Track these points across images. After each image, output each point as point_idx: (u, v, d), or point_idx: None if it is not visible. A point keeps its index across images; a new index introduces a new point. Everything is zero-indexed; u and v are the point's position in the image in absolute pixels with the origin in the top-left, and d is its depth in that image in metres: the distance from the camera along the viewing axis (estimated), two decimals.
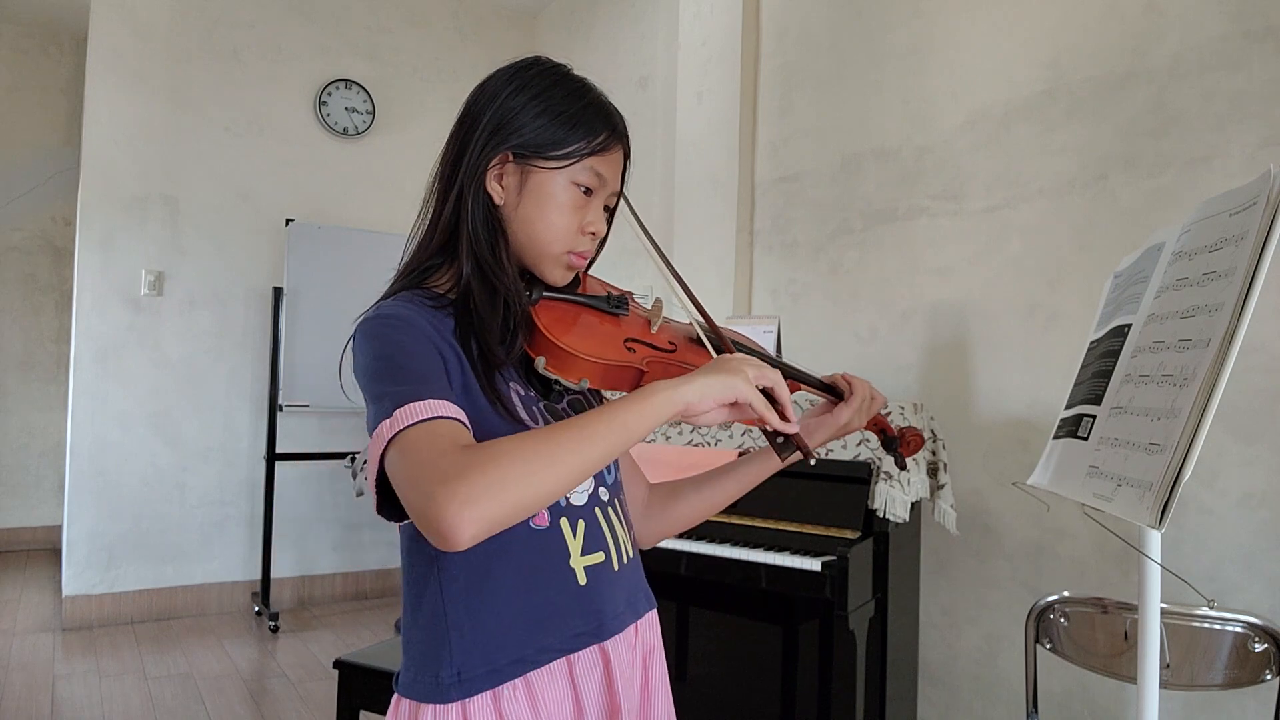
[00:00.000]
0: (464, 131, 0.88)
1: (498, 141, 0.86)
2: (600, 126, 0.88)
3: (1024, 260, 2.34)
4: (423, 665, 0.82)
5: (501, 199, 0.87)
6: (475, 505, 0.63)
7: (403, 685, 0.84)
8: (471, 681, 0.80)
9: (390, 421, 0.71)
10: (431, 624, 0.82)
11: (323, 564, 4.32)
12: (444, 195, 0.88)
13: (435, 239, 0.88)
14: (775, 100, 3.14)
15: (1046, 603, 1.63)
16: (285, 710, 2.88)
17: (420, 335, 0.80)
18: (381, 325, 0.80)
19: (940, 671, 2.51)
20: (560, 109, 0.86)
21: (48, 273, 5.33)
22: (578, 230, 0.88)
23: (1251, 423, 1.87)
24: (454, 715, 0.79)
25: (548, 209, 0.86)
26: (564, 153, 0.86)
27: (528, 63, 0.90)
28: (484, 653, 0.80)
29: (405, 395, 0.72)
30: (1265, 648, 1.41)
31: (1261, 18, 1.89)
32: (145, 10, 3.90)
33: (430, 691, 0.80)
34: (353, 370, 0.81)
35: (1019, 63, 2.37)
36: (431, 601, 0.82)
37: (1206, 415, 0.90)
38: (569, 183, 0.87)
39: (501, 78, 0.89)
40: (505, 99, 0.87)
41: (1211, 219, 1.12)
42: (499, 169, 0.87)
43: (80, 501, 3.75)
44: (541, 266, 0.89)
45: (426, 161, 0.93)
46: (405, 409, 0.71)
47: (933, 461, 2.25)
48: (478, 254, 0.86)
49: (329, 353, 4.54)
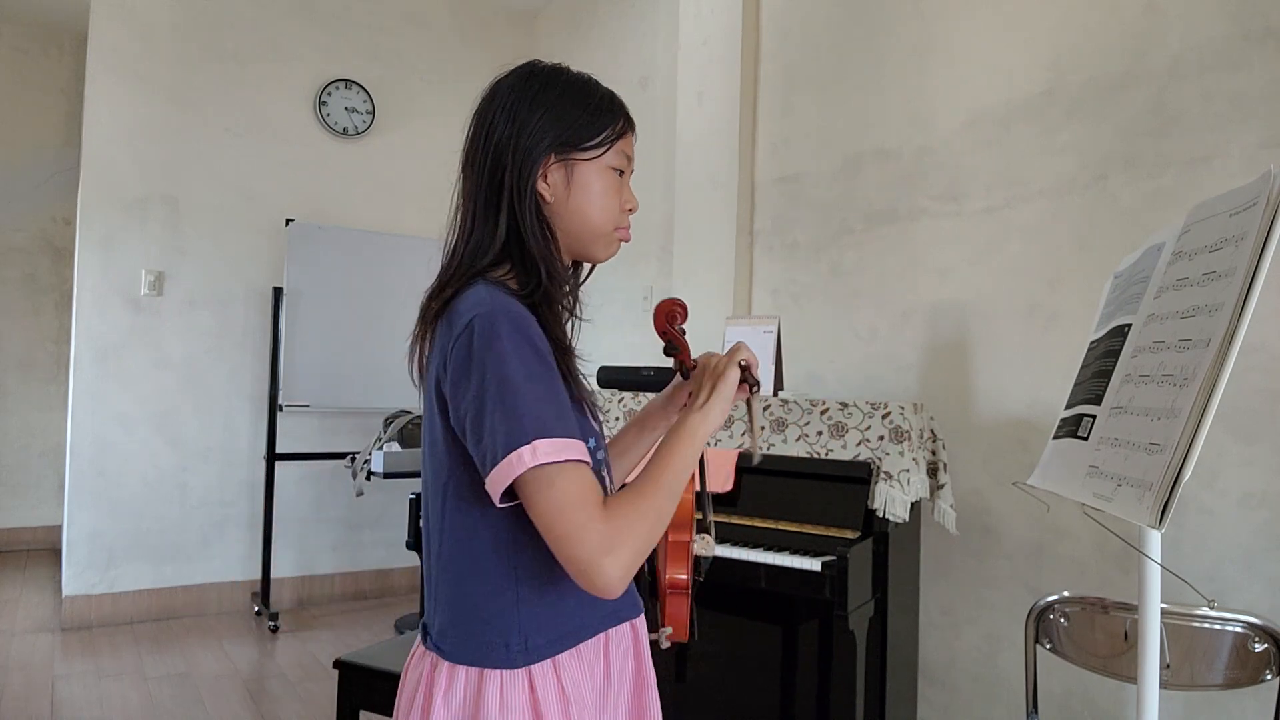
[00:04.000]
0: (491, 144, 0.95)
1: (539, 145, 0.93)
2: (618, 112, 0.98)
3: (1024, 260, 2.35)
4: (487, 635, 0.90)
5: (551, 196, 0.95)
6: (627, 571, 0.82)
7: (461, 654, 0.90)
8: (536, 650, 0.90)
9: (531, 450, 0.80)
10: (500, 600, 0.90)
11: (322, 564, 4.32)
12: (491, 207, 0.94)
13: (494, 246, 0.94)
14: (776, 100, 3.14)
15: (1046, 603, 1.63)
16: (285, 710, 2.88)
17: (541, 338, 0.88)
18: (512, 326, 0.85)
19: (940, 671, 2.51)
20: (584, 103, 0.95)
21: (48, 273, 5.33)
22: (619, 209, 0.99)
23: (1251, 423, 1.87)
24: (521, 679, 0.89)
25: (595, 195, 0.96)
26: (598, 141, 0.95)
27: (530, 69, 0.97)
28: (546, 625, 0.91)
29: (544, 425, 0.82)
30: (1265, 648, 1.41)
31: (1261, 18, 1.89)
32: (145, 10, 3.90)
33: (500, 658, 0.89)
34: (460, 360, 0.85)
35: (1019, 63, 2.37)
36: (503, 582, 0.90)
37: (1206, 415, 0.90)
38: (606, 168, 0.96)
39: (513, 87, 0.95)
40: (530, 104, 0.93)
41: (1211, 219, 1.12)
42: (545, 170, 0.94)
43: (80, 501, 3.75)
44: (594, 249, 0.99)
45: (426, 161, 0.95)
46: (547, 443, 0.81)
47: (933, 461, 2.25)
48: (540, 254, 0.94)
49: (329, 353, 4.56)
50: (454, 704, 0.89)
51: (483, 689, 0.89)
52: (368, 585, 4.44)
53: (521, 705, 0.88)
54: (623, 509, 0.83)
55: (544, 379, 0.85)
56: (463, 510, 0.91)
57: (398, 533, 4.48)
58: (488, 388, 0.83)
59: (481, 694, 0.88)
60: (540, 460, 0.80)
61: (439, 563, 0.94)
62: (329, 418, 4.29)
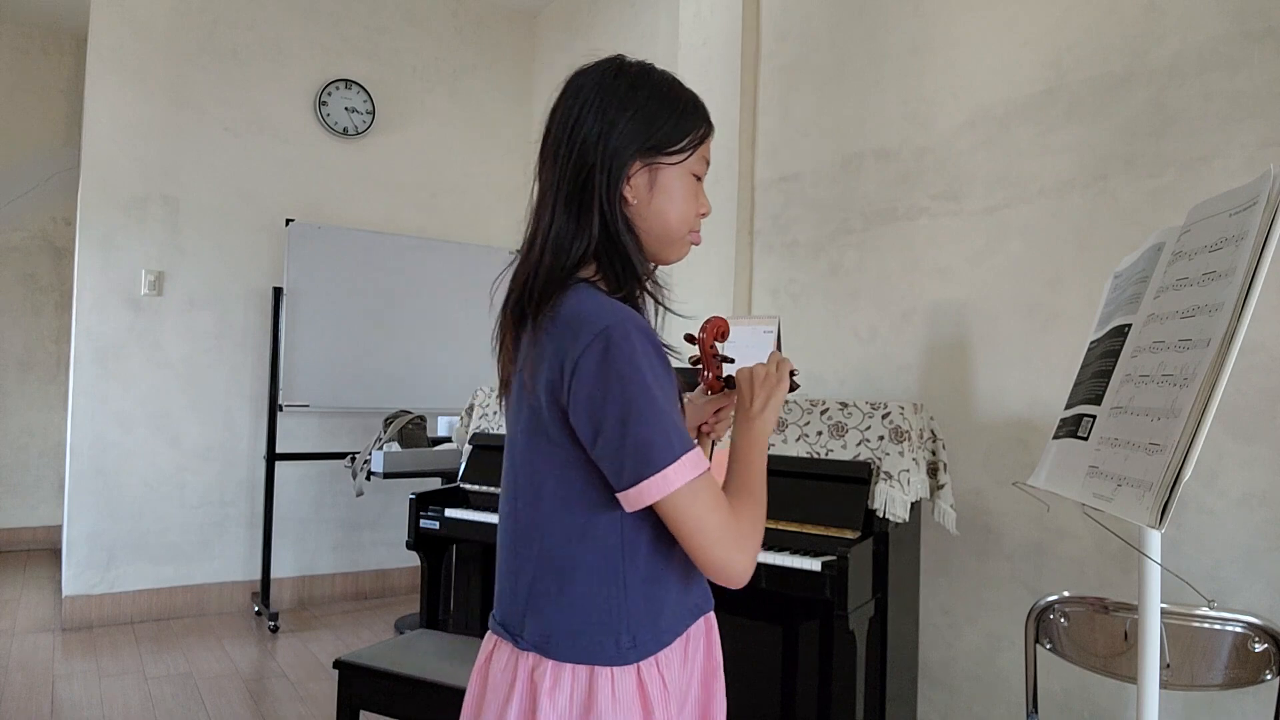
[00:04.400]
0: (577, 140, 0.94)
1: (627, 148, 0.94)
2: (702, 118, 1.00)
3: (1024, 260, 2.34)
4: (597, 634, 0.93)
5: (634, 199, 0.96)
6: (754, 562, 0.92)
7: (570, 653, 0.93)
8: (643, 646, 0.94)
9: (678, 469, 0.86)
10: (610, 600, 0.94)
11: (323, 564, 4.32)
12: (576, 204, 0.94)
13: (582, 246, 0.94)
14: (775, 100, 3.14)
15: (1046, 603, 1.63)
16: (285, 710, 2.88)
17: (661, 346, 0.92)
18: (644, 338, 0.89)
19: (940, 671, 2.51)
20: (672, 107, 0.97)
21: (48, 273, 5.33)
22: (695, 214, 1.01)
23: (1251, 423, 1.87)
24: (630, 675, 0.93)
25: (676, 199, 0.98)
26: (682, 147, 0.97)
27: (618, 65, 0.98)
28: (650, 622, 0.95)
29: (685, 440, 0.88)
30: (1265, 648, 1.41)
31: (1261, 18, 1.89)
32: (145, 10, 3.90)
33: (611, 656, 0.92)
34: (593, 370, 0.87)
35: (1019, 63, 2.37)
36: (612, 583, 0.94)
37: (1206, 415, 0.90)
38: (687, 173, 0.99)
39: (600, 84, 0.96)
40: (619, 105, 0.94)
41: (1211, 219, 1.12)
42: (630, 173, 0.95)
43: (80, 501, 3.75)
44: (667, 251, 1.01)
45: (427, 161, 0.95)
46: (688, 459, 0.87)
47: (933, 461, 2.25)
48: (632, 256, 0.96)
49: (329, 353, 4.54)
50: (561, 702, 0.91)
51: (594, 686, 0.91)
52: (368, 585, 4.44)
53: (631, 701, 0.92)
54: (743, 510, 0.94)
55: (671, 391, 0.90)
56: (574, 513, 0.93)
57: (398, 533, 4.48)
58: (629, 402, 0.86)
59: (593, 691, 0.91)
60: (689, 476, 0.87)
61: (540, 563, 0.95)
62: (329, 418, 4.29)
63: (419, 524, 2.64)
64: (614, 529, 0.93)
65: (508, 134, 4.89)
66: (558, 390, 0.89)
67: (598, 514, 0.92)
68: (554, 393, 0.90)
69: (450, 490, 2.76)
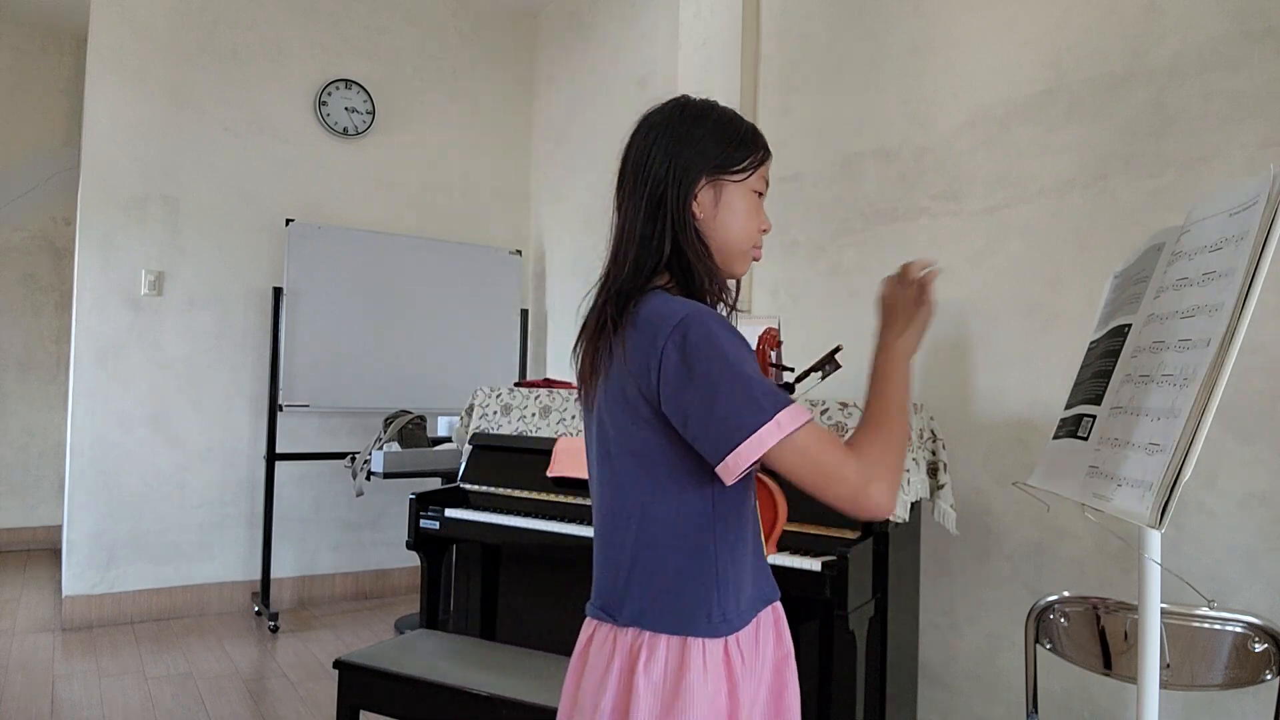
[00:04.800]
0: (650, 172, 1.06)
1: (695, 168, 1.05)
2: (760, 143, 1.11)
3: (1024, 260, 2.34)
4: (690, 608, 1.00)
5: (702, 214, 1.06)
6: (893, 492, 0.95)
7: (665, 625, 1.00)
8: (730, 621, 1.01)
9: (776, 425, 0.92)
10: (703, 576, 1.01)
11: (323, 564, 4.32)
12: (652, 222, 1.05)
13: (657, 258, 1.05)
14: (775, 100, 3.14)
15: (1046, 603, 1.63)
16: (285, 710, 2.88)
17: (736, 330, 1.00)
18: (718, 322, 0.97)
19: (940, 671, 2.51)
20: (733, 135, 1.08)
21: (48, 273, 5.33)
22: (757, 229, 1.11)
23: (1251, 423, 1.87)
24: (719, 648, 1.00)
25: (739, 215, 1.08)
26: (743, 167, 1.08)
27: (682, 104, 1.10)
28: (736, 599, 1.02)
29: (777, 398, 0.94)
30: (1265, 648, 1.41)
31: (1261, 18, 1.89)
32: (145, 10, 3.90)
33: (703, 628, 0.99)
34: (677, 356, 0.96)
35: (1019, 63, 2.37)
36: (704, 558, 1.01)
37: (1207, 415, 0.90)
38: (749, 191, 1.09)
39: (668, 122, 1.07)
40: (685, 136, 1.06)
41: (1211, 219, 1.12)
42: (697, 191, 1.05)
43: (80, 501, 3.75)
44: (732, 264, 1.10)
45: (427, 161, 0.96)
46: (786, 413, 0.93)
47: (933, 461, 2.25)
48: (702, 266, 1.05)
49: (329, 353, 4.53)
50: (655, 673, 0.99)
51: (686, 657, 0.99)
52: (368, 585, 4.44)
53: (719, 672, 0.99)
54: (866, 442, 0.97)
55: (754, 362, 0.97)
56: (671, 492, 1.01)
57: (398, 533, 4.48)
58: (713, 379, 0.94)
59: (685, 661, 0.99)
60: (787, 430, 0.92)
61: (637, 543, 1.03)
62: (329, 418, 4.29)
63: (419, 524, 2.64)
64: (704, 504, 1.01)
65: (508, 134, 4.89)
66: (645, 384, 0.98)
67: (687, 495, 1.00)
68: (642, 387, 0.98)
69: (450, 490, 2.76)
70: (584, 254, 4.40)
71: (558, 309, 4.65)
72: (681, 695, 0.97)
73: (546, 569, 2.74)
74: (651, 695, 0.98)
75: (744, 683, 1.00)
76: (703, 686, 0.97)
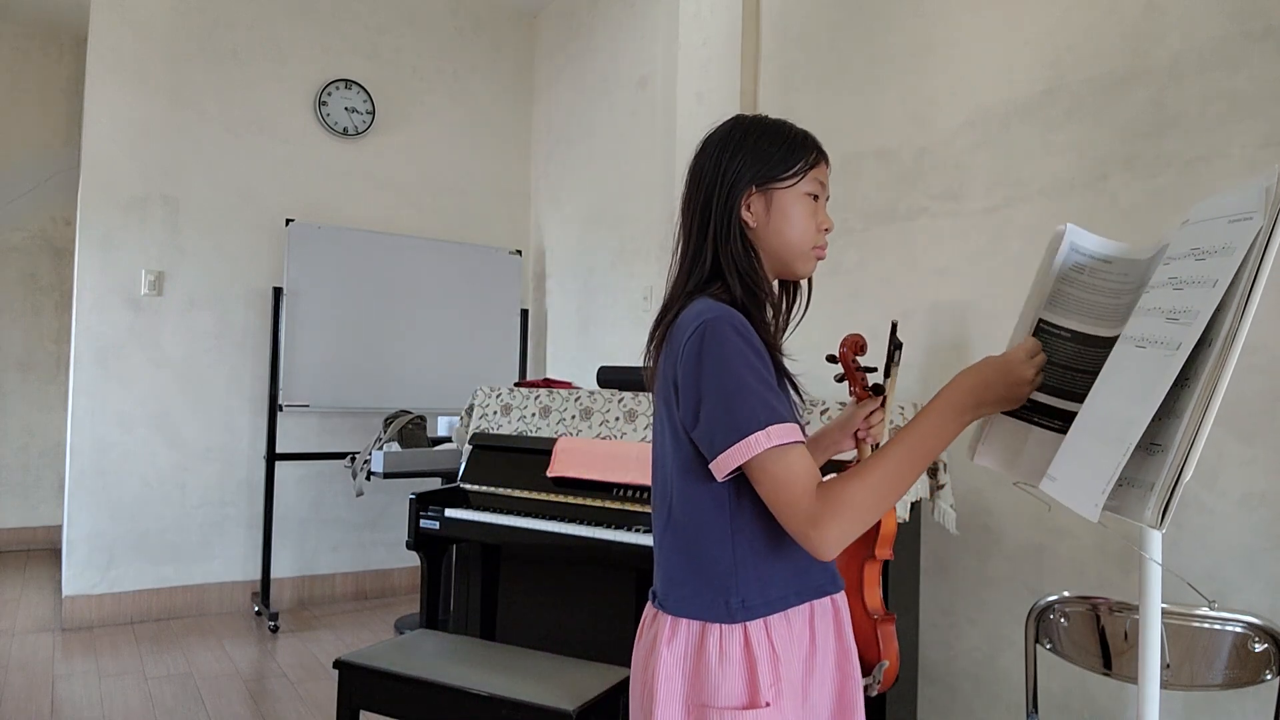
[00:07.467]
0: (702, 188, 1.12)
1: (741, 180, 1.10)
2: (810, 147, 1.13)
3: (1024, 260, 2.34)
4: (710, 594, 1.04)
5: (754, 222, 1.11)
6: (837, 542, 0.95)
7: (685, 609, 1.05)
8: (751, 609, 1.04)
9: (766, 434, 0.96)
10: (721, 563, 1.04)
11: (323, 564, 4.32)
12: (701, 235, 1.12)
13: (704, 267, 1.10)
14: (775, 100, 3.14)
15: (1046, 603, 1.63)
16: (285, 710, 2.88)
17: (757, 339, 1.03)
18: (733, 328, 1.00)
19: (940, 671, 2.51)
20: (779, 142, 1.12)
21: (48, 273, 5.33)
22: (816, 229, 1.13)
23: (1251, 423, 1.87)
24: (737, 633, 1.03)
25: (791, 219, 1.11)
26: (792, 172, 1.11)
27: (734, 121, 1.15)
28: (760, 588, 1.05)
29: (775, 413, 0.97)
30: (1265, 648, 1.41)
31: (1261, 18, 1.89)
32: (145, 10, 3.90)
33: (720, 614, 1.03)
34: (690, 356, 1.01)
35: (1019, 63, 2.37)
36: (724, 547, 1.05)
37: (1208, 415, 0.90)
38: (802, 194, 1.12)
39: (720, 141, 1.13)
40: (733, 149, 1.11)
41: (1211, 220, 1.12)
42: (747, 200, 1.10)
43: (80, 501, 3.75)
44: (795, 265, 1.15)
45: (426, 161, 0.96)
46: (778, 428, 0.96)
47: (933, 462, 2.25)
48: (741, 272, 1.09)
49: (329, 353, 4.53)
50: (677, 651, 1.05)
51: (704, 640, 1.03)
52: (368, 585, 4.44)
53: (738, 657, 1.02)
54: (842, 483, 0.97)
55: (762, 372, 1.00)
56: (691, 484, 1.06)
57: (398, 533, 4.48)
58: (720, 380, 0.98)
59: (703, 644, 1.03)
60: (774, 442, 0.95)
61: (670, 530, 1.09)
62: (329, 418, 4.29)
63: (419, 524, 2.64)
64: (724, 497, 1.04)
65: (507, 134, 4.89)
66: (671, 381, 1.05)
67: (710, 484, 1.03)
68: (672, 384, 1.05)
69: (450, 490, 2.76)
70: (584, 254, 4.40)
71: (558, 309, 4.65)
72: (700, 676, 1.02)
73: (547, 569, 2.74)
74: (673, 674, 1.03)
75: (767, 669, 1.02)
76: (720, 670, 1.01)
